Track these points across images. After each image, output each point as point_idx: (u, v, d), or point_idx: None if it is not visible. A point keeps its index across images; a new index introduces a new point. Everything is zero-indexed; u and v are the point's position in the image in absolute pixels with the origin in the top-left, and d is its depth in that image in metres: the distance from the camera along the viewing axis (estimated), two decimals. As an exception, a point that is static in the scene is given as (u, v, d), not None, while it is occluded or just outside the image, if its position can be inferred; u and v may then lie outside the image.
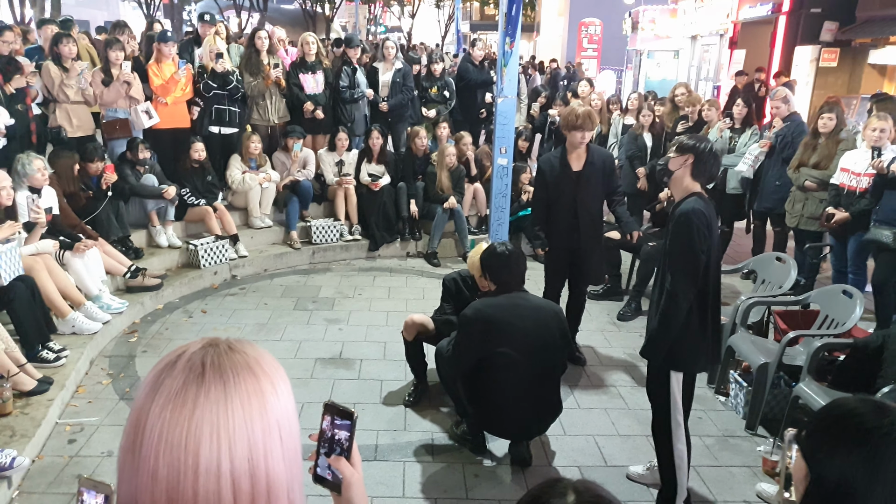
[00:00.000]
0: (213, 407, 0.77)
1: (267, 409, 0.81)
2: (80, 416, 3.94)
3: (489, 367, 3.37)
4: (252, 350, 0.86)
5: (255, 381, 0.81)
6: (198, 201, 6.36)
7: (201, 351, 0.82)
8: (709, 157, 2.98)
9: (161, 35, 6.53)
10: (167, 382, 0.79)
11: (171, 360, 0.82)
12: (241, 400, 0.79)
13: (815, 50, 13.47)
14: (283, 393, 0.84)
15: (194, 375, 0.79)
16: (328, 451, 1.02)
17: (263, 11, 26.89)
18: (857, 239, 5.21)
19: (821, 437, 1.16)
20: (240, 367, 0.81)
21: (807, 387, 3.70)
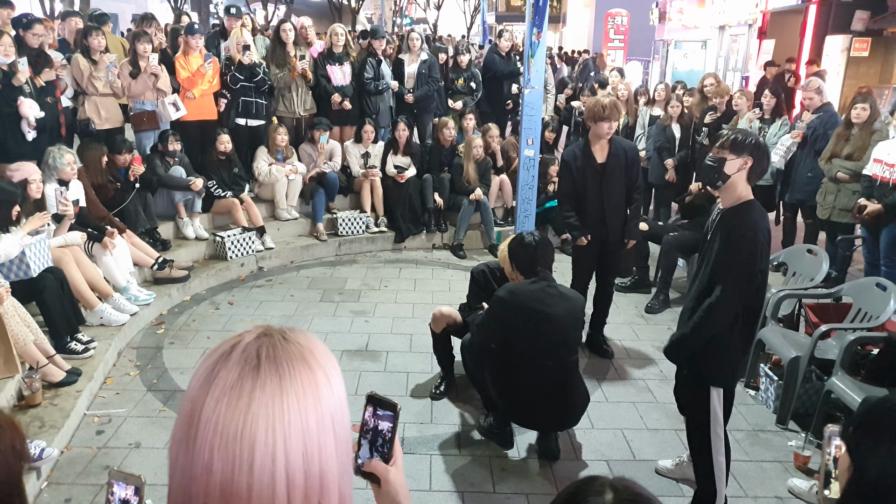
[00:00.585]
0: (268, 401, 0.76)
1: (321, 401, 0.80)
2: (107, 407, 4.00)
3: (515, 358, 3.36)
4: (305, 340, 0.85)
5: (310, 373, 0.80)
6: (224, 193, 6.41)
7: (256, 341, 0.81)
8: (765, 155, 2.75)
9: (188, 27, 6.58)
10: (222, 374, 0.78)
11: (225, 351, 0.81)
12: (296, 394, 0.78)
13: (846, 39, 13.17)
14: (336, 384, 0.84)
15: (250, 367, 0.78)
16: (371, 443, 1.02)
17: (290, 3, 27.01)
18: (890, 231, 5.09)
19: (866, 430, 1.14)
20: (295, 358, 0.81)
21: (839, 381, 3.63)
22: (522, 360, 3.37)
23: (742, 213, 2.74)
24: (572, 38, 30.32)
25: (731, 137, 2.75)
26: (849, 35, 13.10)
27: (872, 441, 1.11)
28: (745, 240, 2.68)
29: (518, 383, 3.41)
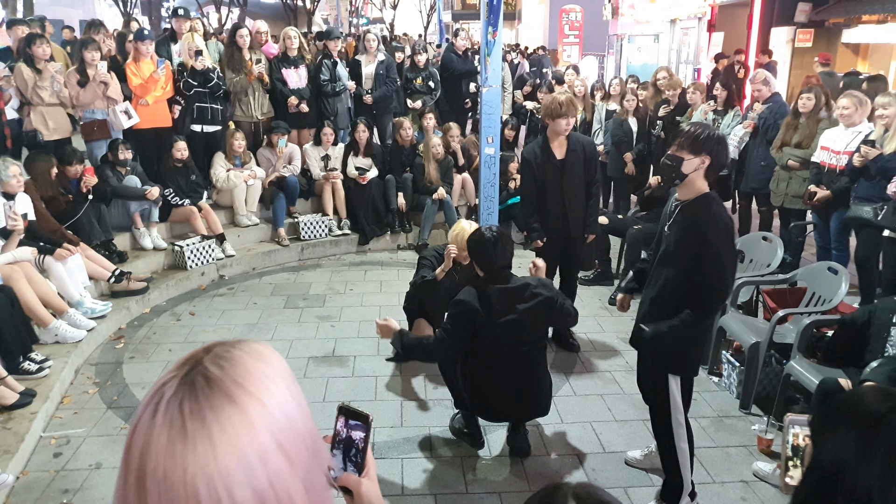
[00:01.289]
0: (201, 460, 0.73)
1: (258, 434, 0.76)
2: (65, 427, 3.88)
3: (482, 353, 3.37)
4: (233, 368, 0.80)
5: (241, 413, 0.76)
6: (182, 201, 6.29)
7: (177, 395, 0.77)
8: (724, 152, 2.79)
9: (138, 33, 6.43)
10: (153, 442, 0.75)
11: (150, 414, 0.77)
12: (228, 441, 0.74)
13: (790, 31, 13.58)
14: (277, 404, 0.80)
15: (176, 431, 0.75)
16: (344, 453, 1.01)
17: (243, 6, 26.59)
18: (839, 216, 5.26)
19: (826, 420, 1.17)
20: (222, 403, 0.76)
21: (798, 364, 3.73)
22: (490, 353, 3.37)
23: (702, 208, 2.78)
24: (528, 34, 30.53)
25: (690, 136, 2.76)
26: (793, 27, 13.50)
27: (830, 429, 1.14)
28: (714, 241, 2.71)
29: (487, 376, 3.41)
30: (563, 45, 15.97)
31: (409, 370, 4.50)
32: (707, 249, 2.72)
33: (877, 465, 1.06)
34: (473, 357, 3.41)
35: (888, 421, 1.08)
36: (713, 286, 2.77)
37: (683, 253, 2.80)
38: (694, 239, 2.75)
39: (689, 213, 2.80)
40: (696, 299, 2.80)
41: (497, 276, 3.40)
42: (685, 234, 2.78)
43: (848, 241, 5.40)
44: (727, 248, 2.76)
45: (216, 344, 0.84)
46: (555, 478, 3.42)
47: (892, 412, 1.09)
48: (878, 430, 1.09)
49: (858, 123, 5.13)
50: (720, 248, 2.73)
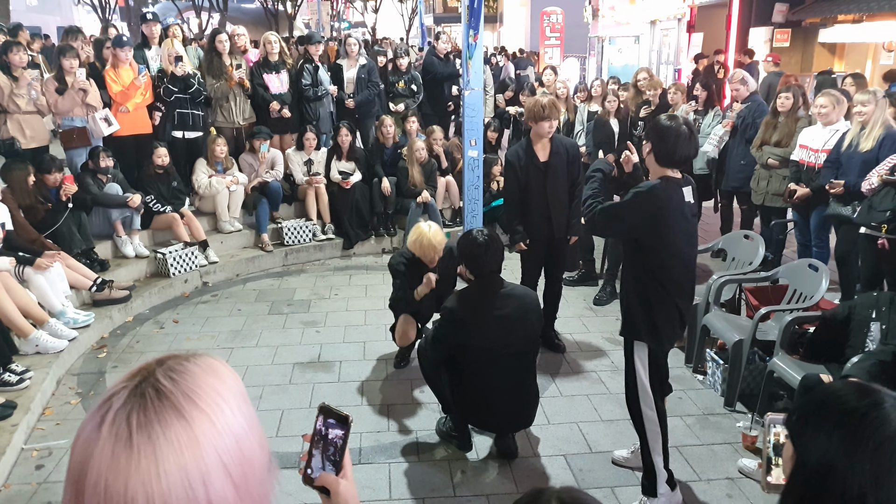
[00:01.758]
0: (144, 476, 0.72)
1: (204, 454, 0.75)
2: (47, 439, 3.83)
3: (469, 361, 3.38)
4: (185, 381, 0.79)
5: (189, 429, 0.75)
6: (164, 208, 6.24)
7: (126, 405, 0.75)
8: (669, 138, 2.90)
9: (116, 40, 6.38)
10: (96, 453, 0.74)
11: (96, 424, 0.76)
12: (174, 457, 0.73)
13: (768, 31, 13.74)
14: (226, 423, 0.78)
15: (122, 444, 0.73)
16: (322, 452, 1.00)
17: (224, 11, 26.47)
18: (818, 213, 5.32)
19: (806, 419, 1.18)
20: (168, 416, 0.75)
21: (780, 361, 3.77)
22: (478, 362, 3.38)
23: (646, 184, 3.01)
24: (510, 37, 30.62)
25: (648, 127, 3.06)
26: (770, 27, 13.66)
27: (813, 428, 1.15)
28: (628, 196, 2.98)
29: (474, 385, 3.42)
30: (545, 48, 16.05)
31: (395, 375, 4.49)
32: (626, 198, 2.99)
33: (867, 462, 1.07)
34: (460, 364, 3.41)
35: (872, 418, 1.09)
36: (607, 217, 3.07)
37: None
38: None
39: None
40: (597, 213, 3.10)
41: (488, 280, 3.41)
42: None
43: (828, 237, 5.46)
44: (635, 210, 2.96)
45: (170, 356, 0.82)
46: (542, 479, 3.43)
47: (873, 408, 1.10)
48: (864, 427, 1.09)
49: (836, 122, 5.20)
50: (629, 203, 2.98)
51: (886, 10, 10.94)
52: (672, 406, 4.03)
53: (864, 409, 1.10)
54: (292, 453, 3.53)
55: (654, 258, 2.98)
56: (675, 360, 4.65)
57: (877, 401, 1.11)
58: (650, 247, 2.97)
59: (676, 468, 3.46)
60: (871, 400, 1.11)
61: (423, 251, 4.24)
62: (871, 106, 4.79)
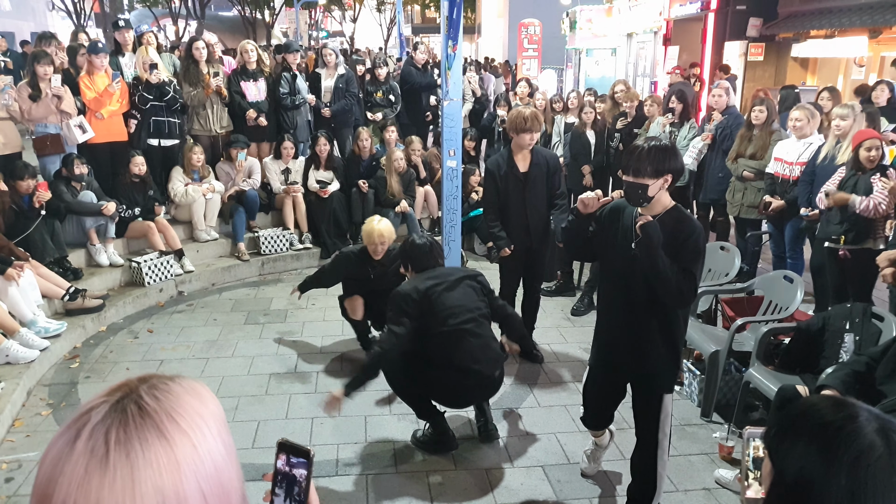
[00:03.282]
0: (118, 497, 0.68)
1: (183, 479, 0.71)
2: (17, 451, 3.74)
3: (437, 344, 3.47)
4: (169, 400, 0.75)
5: (170, 450, 0.72)
6: (132, 210, 6.12)
7: (105, 421, 0.72)
8: (678, 163, 2.75)
9: (91, 46, 6.29)
10: (67, 469, 0.69)
11: (70, 438, 0.71)
12: (151, 479, 0.70)
13: (742, 45, 14.01)
14: (207, 449, 0.75)
15: (97, 460, 0.69)
16: (287, 492, 0.97)
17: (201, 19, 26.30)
18: (793, 225, 5.41)
19: (782, 433, 1.18)
20: (150, 435, 0.71)
21: (756, 371, 3.81)
22: (447, 339, 3.46)
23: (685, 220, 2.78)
24: (488, 48, 30.82)
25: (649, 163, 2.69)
26: (745, 41, 13.92)
27: (789, 443, 1.15)
28: (694, 246, 2.71)
29: (449, 365, 3.48)
30: (523, 59, 16.16)
31: (372, 386, 4.44)
32: (697, 254, 2.74)
33: (844, 476, 1.07)
34: (428, 353, 3.50)
35: (847, 431, 1.10)
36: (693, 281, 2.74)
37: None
38: (681, 245, 2.73)
39: (674, 225, 2.75)
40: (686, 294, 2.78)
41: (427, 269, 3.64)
42: (681, 244, 2.72)
43: (802, 249, 5.55)
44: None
45: (153, 375, 0.80)
46: (519, 490, 3.41)
47: (849, 421, 1.11)
48: (839, 441, 1.10)
49: (810, 135, 5.30)
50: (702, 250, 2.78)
51: (857, 26, 11.21)
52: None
53: (840, 422, 1.11)
54: (268, 465, 3.46)
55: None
56: (653, 371, 4.68)
57: (852, 414, 1.12)
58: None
59: (654, 478, 3.47)
60: (846, 413, 1.12)
61: (369, 239, 4.44)
62: (850, 120, 4.88)
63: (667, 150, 2.73)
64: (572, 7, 20.97)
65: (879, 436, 1.08)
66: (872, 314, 3.66)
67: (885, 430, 1.09)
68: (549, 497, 3.35)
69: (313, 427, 3.94)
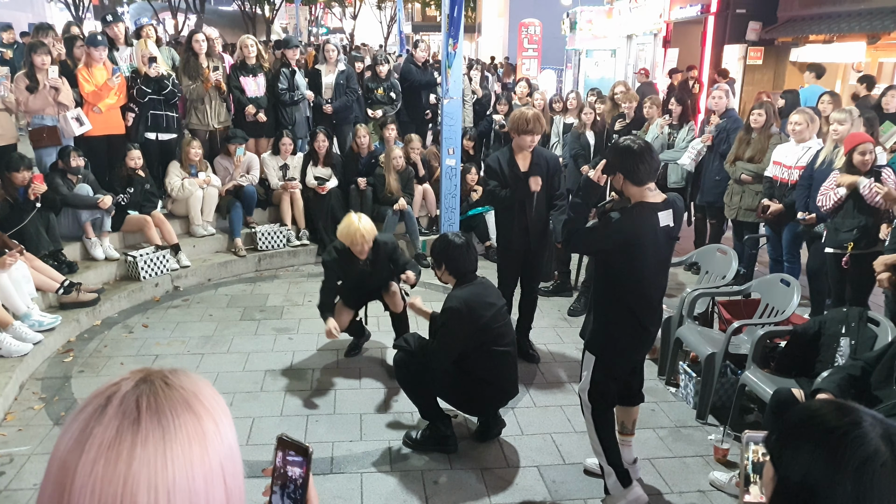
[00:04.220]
0: (150, 458, 0.69)
1: (209, 452, 0.73)
2: (9, 446, 3.71)
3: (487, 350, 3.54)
4: (190, 383, 0.78)
5: (197, 422, 0.74)
6: (127, 200, 6.08)
7: (135, 390, 0.74)
8: (632, 160, 2.93)
9: (90, 39, 6.26)
10: (97, 432, 0.69)
11: (100, 404, 0.72)
12: (181, 447, 0.71)
13: (741, 48, 14.02)
14: (226, 431, 0.77)
15: (129, 422, 0.70)
16: (282, 488, 0.96)
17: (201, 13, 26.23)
18: (791, 229, 5.41)
19: (786, 439, 1.17)
20: (179, 406, 0.74)
21: (752, 374, 3.81)
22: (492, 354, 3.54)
23: (618, 213, 3.01)
24: (488, 47, 30.81)
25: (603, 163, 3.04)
26: (744, 44, 13.94)
27: (793, 449, 1.14)
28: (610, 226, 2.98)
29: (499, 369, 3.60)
30: (523, 59, 16.15)
31: (368, 383, 4.45)
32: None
33: (849, 482, 1.07)
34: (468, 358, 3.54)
35: (852, 437, 1.09)
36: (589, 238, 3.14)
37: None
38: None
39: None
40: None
41: (470, 279, 3.61)
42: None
43: (799, 253, 5.56)
44: (602, 238, 3.06)
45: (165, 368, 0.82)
46: (515, 490, 3.41)
47: (853, 427, 1.10)
48: (845, 446, 1.09)
49: (809, 139, 5.30)
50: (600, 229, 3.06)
51: (856, 32, 11.23)
52: (644, 418, 4.06)
53: (845, 427, 1.10)
54: (263, 461, 3.47)
55: (622, 280, 3.03)
56: (649, 373, 4.65)
57: (856, 419, 1.11)
58: (619, 271, 3.02)
59: (648, 480, 3.48)
60: (850, 419, 1.12)
61: (352, 239, 4.32)
62: (847, 125, 4.88)
63: (612, 155, 3.04)
64: (573, 8, 20.97)
65: (884, 441, 1.08)
66: (868, 318, 3.67)
67: (890, 436, 1.08)
68: (546, 497, 3.35)
69: (308, 424, 3.93)
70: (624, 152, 2.95)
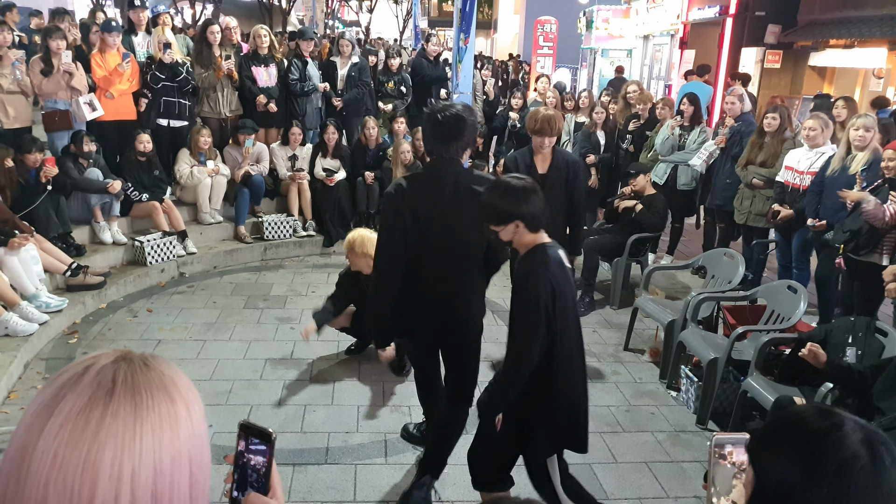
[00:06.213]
0: (119, 429, 0.68)
1: (180, 436, 0.73)
2: (10, 424, 3.74)
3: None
4: (168, 369, 0.78)
5: (171, 404, 0.73)
6: (140, 196, 6.10)
7: (113, 365, 0.73)
8: (524, 201, 2.45)
9: (105, 24, 6.29)
10: (69, 398, 0.69)
11: (76, 373, 0.72)
12: (151, 425, 0.70)
13: (759, 51, 13.87)
14: (197, 420, 0.77)
15: (102, 392, 0.70)
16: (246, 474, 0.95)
17: (218, 2, 26.30)
18: (801, 235, 5.34)
19: (766, 441, 1.16)
20: (155, 386, 0.73)
21: (754, 381, 3.77)
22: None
23: (526, 268, 2.49)
24: (503, 44, 30.73)
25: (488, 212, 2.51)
26: (762, 47, 13.79)
27: (772, 450, 1.13)
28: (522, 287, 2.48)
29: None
30: (538, 56, 16.07)
31: (366, 375, 4.45)
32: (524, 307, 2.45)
33: (826, 485, 1.05)
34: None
35: (831, 439, 1.07)
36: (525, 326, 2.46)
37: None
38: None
39: (519, 273, 2.54)
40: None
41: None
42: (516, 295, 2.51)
43: (808, 260, 5.49)
44: (538, 308, 2.41)
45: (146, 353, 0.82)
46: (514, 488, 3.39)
47: (833, 430, 1.08)
48: (823, 450, 1.07)
49: (822, 145, 5.23)
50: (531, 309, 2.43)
51: (878, 37, 11.09)
52: (644, 422, 4.04)
53: (825, 430, 1.09)
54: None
55: (554, 345, 2.49)
56: (650, 376, 4.65)
57: (837, 423, 1.09)
58: (554, 334, 2.47)
59: (645, 484, 3.45)
60: (831, 422, 1.10)
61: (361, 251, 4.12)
62: (873, 132, 4.77)
63: (498, 202, 2.49)
64: (590, 6, 20.85)
65: (864, 446, 1.06)
66: (876, 329, 3.61)
67: (870, 441, 1.06)
68: (534, 499, 3.33)
69: (305, 414, 3.93)
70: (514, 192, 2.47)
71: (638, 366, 4.80)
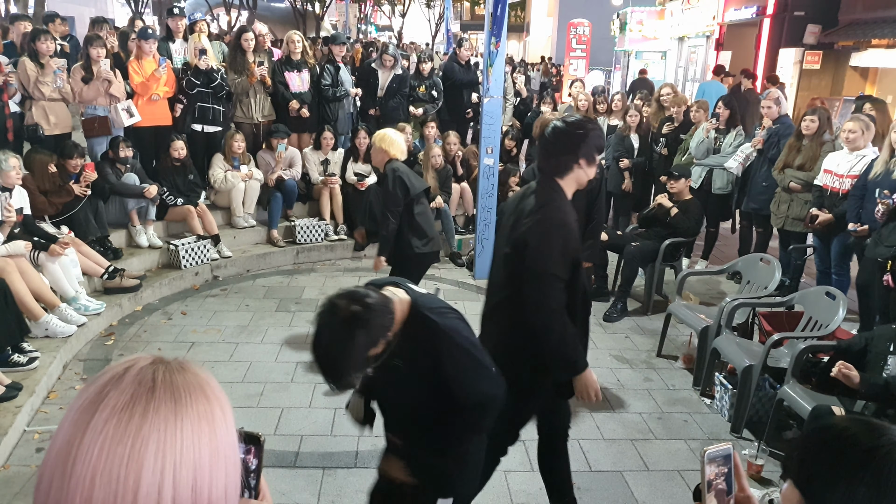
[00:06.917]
0: (161, 424, 0.71)
1: (217, 434, 0.76)
2: (50, 423, 3.84)
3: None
4: (201, 372, 0.81)
5: (207, 404, 0.77)
6: (175, 201, 6.22)
7: (151, 366, 0.77)
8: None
9: (141, 32, 6.43)
10: (112, 395, 0.72)
11: (118, 373, 0.76)
12: (191, 422, 0.73)
13: (798, 52, 13.57)
14: (230, 422, 0.80)
15: (144, 389, 0.73)
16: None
17: (253, 9, 26.71)
18: (840, 240, 5.20)
19: (816, 462, 1.10)
20: (192, 386, 0.77)
21: (791, 389, 3.67)
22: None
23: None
24: (536, 47, 30.63)
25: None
26: (801, 48, 13.49)
27: (827, 473, 1.07)
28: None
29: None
30: (570, 59, 15.98)
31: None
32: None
33: None
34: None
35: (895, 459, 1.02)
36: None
37: None
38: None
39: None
40: None
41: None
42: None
43: (849, 265, 5.34)
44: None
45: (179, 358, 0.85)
46: (538, 495, 3.36)
47: (892, 446, 1.03)
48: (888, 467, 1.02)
49: (863, 147, 5.09)
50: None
51: (921, 37, 10.77)
52: (677, 429, 3.97)
53: (886, 448, 1.03)
54: (289, 452, 3.50)
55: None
56: (683, 382, 4.58)
57: (893, 438, 1.04)
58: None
59: (677, 492, 3.39)
60: (887, 437, 1.04)
61: (385, 145, 4.33)
62: None
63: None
64: (623, 8, 20.67)
65: None
66: (919, 337, 3.49)
67: None
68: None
69: (335, 418, 3.95)
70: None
71: (671, 372, 4.72)
